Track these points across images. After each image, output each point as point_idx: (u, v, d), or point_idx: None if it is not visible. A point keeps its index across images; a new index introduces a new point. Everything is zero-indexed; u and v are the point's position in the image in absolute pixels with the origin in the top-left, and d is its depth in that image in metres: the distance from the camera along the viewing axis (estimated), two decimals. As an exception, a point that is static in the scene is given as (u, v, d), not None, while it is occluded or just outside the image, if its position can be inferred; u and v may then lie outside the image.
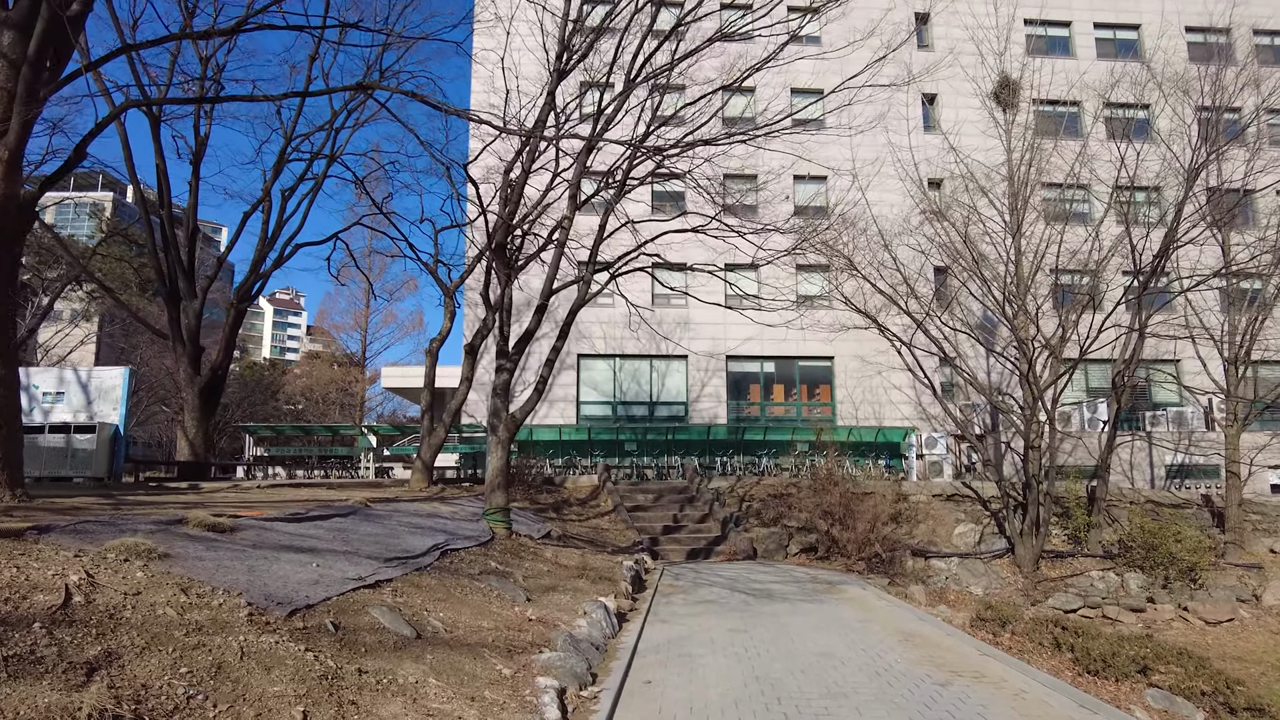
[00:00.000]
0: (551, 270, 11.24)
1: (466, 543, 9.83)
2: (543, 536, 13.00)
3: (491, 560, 9.50)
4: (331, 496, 12.73)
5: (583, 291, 11.69)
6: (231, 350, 18.34)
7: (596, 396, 28.15)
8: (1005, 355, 19.86)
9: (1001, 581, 20.09)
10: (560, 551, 11.63)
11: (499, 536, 10.81)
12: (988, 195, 21.22)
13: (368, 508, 10.58)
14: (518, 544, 10.79)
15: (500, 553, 10.06)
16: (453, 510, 12.16)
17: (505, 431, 11.20)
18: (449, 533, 10.02)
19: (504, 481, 11.13)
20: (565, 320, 11.89)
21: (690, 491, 20.60)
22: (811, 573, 15.68)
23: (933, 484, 22.73)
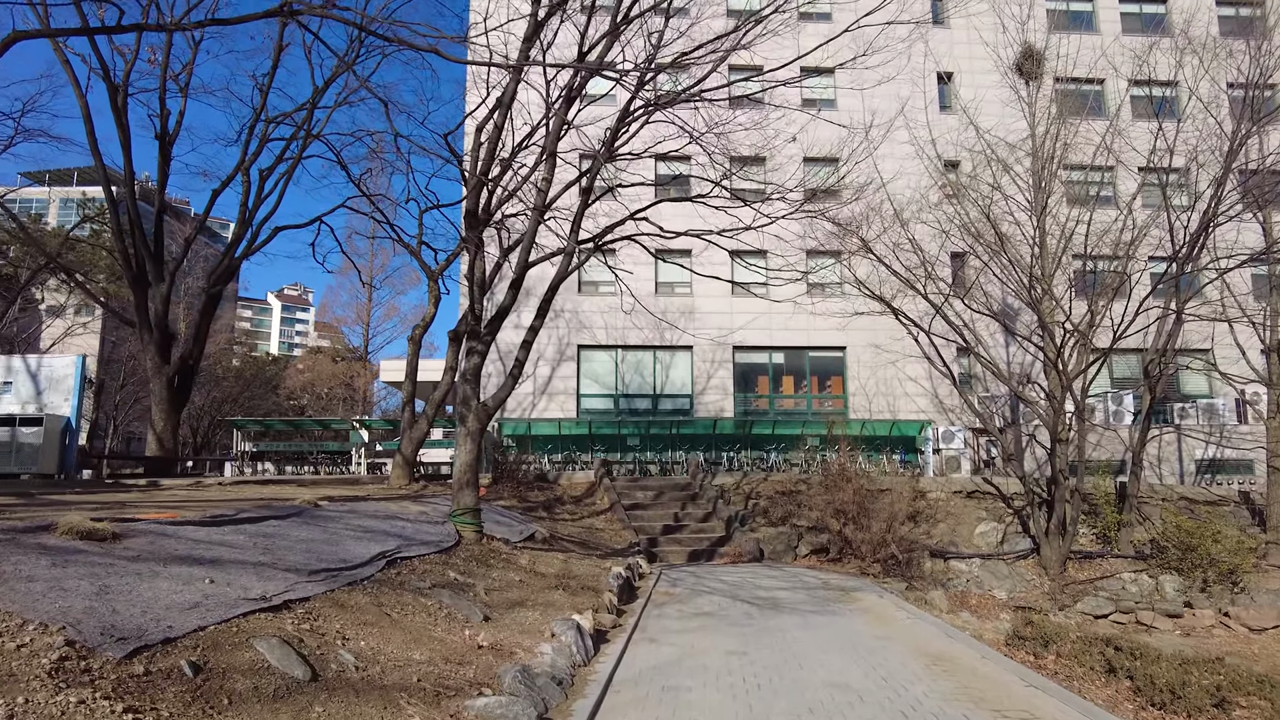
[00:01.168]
0: (528, 238, 9.85)
1: (424, 549, 8.48)
2: (524, 539, 11.65)
3: (451, 570, 8.14)
4: (289, 494, 11.42)
5: (565, 264, 10.30)
6: (205, 338, 17.07)
7: (597, 389, 26.77)
8: (1031, 341, 18.31)
9: (1026, 584, 18.59)
10: (540, 557, 10.27)
11: (466, 541, 9.47)
12: (1010, 173, 19.67)
13: (316, 508, 9.26)
14: (488, 549, 9.45)
15: (464, 560, 8.71)
16: (422, 510, 10.82)
17: (475, 422, 9.86)
18: (404, 537, 8.67)
19: (473, 478, 9.79)
20: (545, 295, 10.50)
21: (693, 488, 19.20)
22: (822, 577, 14.26)
23: (951, 480, 21.24)
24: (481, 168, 9.70)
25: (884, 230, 19.69)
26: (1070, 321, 16.85)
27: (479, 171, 9.73)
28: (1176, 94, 27.92)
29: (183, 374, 16.70)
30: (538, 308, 10.67)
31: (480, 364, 10.12)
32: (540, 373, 26.39)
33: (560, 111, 9.43)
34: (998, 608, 17.78)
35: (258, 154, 19.28)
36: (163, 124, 15.95)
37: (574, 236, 10.18)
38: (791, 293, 26.85)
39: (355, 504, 10.56)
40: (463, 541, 9.40)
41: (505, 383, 10.29)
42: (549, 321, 26.80)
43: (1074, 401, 18.02)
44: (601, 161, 10.16)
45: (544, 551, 11.02)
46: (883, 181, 19.33)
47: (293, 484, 15.40)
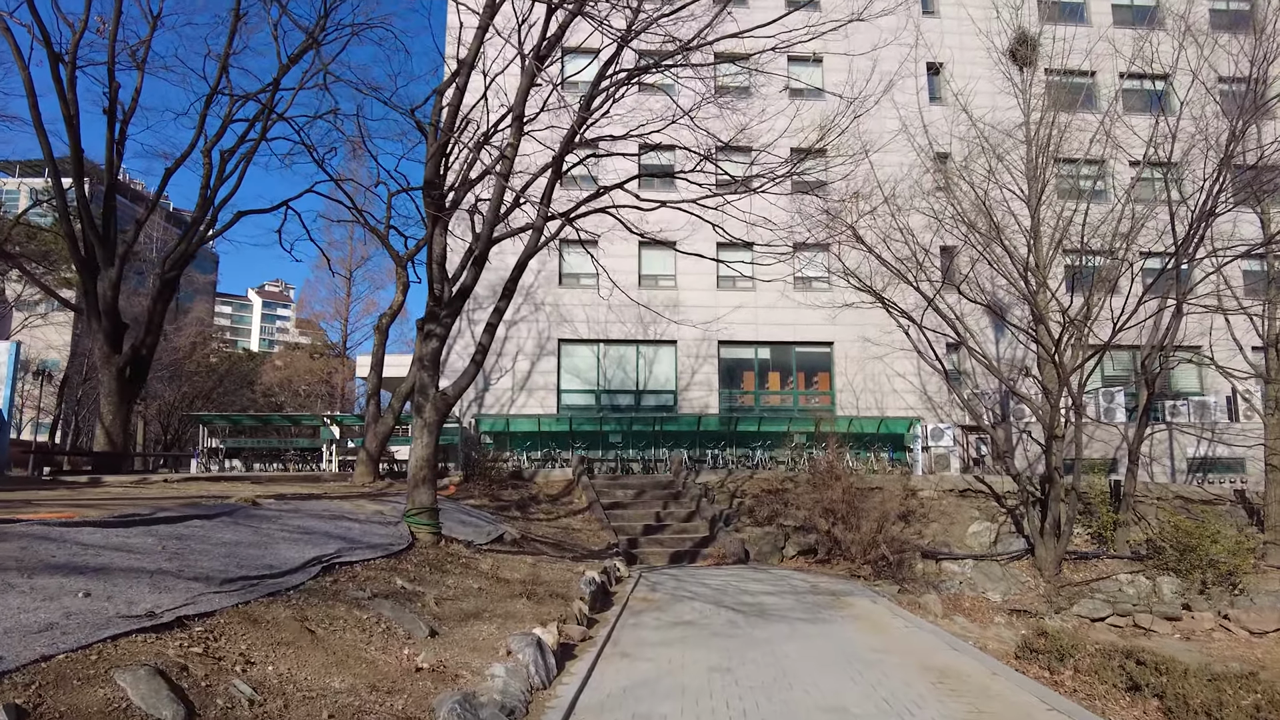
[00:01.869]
0: (492, 207, 8.89)
1: (370, 553, 7.53)
2: (491, 541, 10.70)
3: (398, 577, 7.19)
4: (235, 491, 10.42)
5: (534, 240, 9.33)
6: (159, 326, 15.99)
7: (579, 385, 25.82)
8: (1030, 332, 17.50)
9: (1021, 586, 17.81)
10: (506, 561, 9.33)
11: (422, 544, 8.53)
12: (1003, 162, 18.86)
13: (255, 506, 8.29)
14: (445, 553, 8.50)
15: (415, 566, 7.76)
16: (378, 510, 9.86)
17: (433, 412, 8.90)
18: (349, 540, 7.72)
19: (430, 475, 8.82)
20: (511, 274, 9.53)
21: (676, 487, 18.30)
22: (811, 580, 13.40)
23: (943, 478, 20.45)
24: (443, 132, 8.74)
25: (873, 210, 18.85)
26: (1068, 313, 16.04)
27: (439, 137, 8.77)
28: (1169, 87, 27.37)
29: (135, 364, 15.62)
30: (503, 288, 9.71)
31: (440, 348, 9.16)
32: (520, 368, 25.42)
33: (530, 67, 8.48)
34: (992, 611, 16.97)
35: (220, 135, 18.20)
36: (111, 97, 14.83)
37: (544, 209, 9.24)
38: (779, 285, 26.04)
39: (303, 502, 9.60)
40: (417, 544, 8.45)
41: (468, 369, 9.34)
42: (529, 315, 25.84)
43: (1071, 397, 17.26)
44: (578, 128, 9.22)
45: (511, 554, 10.08)
46: (871, 164, 18.48)
47: (248, 481, 14.38)
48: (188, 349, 34.48)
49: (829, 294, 26.16)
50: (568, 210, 9.75)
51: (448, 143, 8.86)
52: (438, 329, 9.07)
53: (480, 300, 25.79)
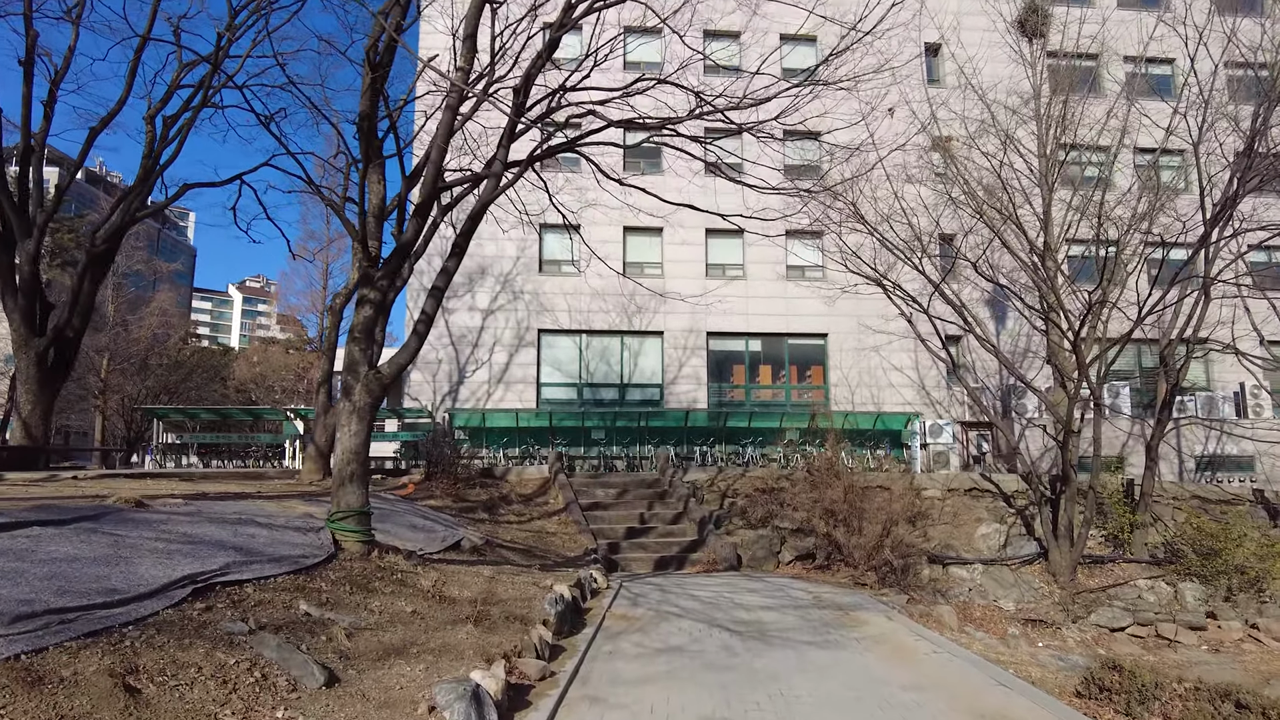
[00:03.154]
0: (437, 143, 7.21)
1: (273, 568, 5.87)
2: (444, 550, 9.06)
3: (304, 600, 5.53)
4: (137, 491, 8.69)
5: (491, 188, 7.66)
6: (88, 307, 14.20)
7: (560, 378, 24.14)
8: (1049, 319, 15.98)
9: (1034, 593, 16.31)
10: (455, 575, 7.66)
11: (347, 555, 6.87)
12: (1012, 140, 17.32)
13: (138, 508, 6.62)
14: (376, 567, 6.84)
15: (332, 584, 6.11)
16: (307, 513, 8.19)
17: (364, 395, 7.23)
18: (247, 551, 6.07)
19: (360, 471, 7.15)
20: (464, 226, 7.82)
21: (662, 485, 16.68)
22: (813, 590, 11.79)
23: (949, 477, 18.93)
24: (381, 55, 7.11)
25: (876, 207, 17.30)
26: (1093, 295, 14.49)
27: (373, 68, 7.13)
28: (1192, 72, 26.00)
29: (59, 349, 13.84)
30: (454, 243, 8.03)
31: (374, 318, 7.51)
32: (497, 359, 23.72)
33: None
34: (1005, 621, 15.45)
35: (165, 100, 16.40)
36: (29, 47, 13.01)
37: (504, 151, 7.60)
38: (770, 273, 24.46)
39: (217, 503, 7.93)
40: (340, 556, 6.79)
41: (408, 341, 7.67)
42: (507, 304, 24.14)
43: (1090, 388, 15.77)
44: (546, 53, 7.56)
45: (466, 565, 8.41)
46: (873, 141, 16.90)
47: (176, 478, 12.65)
48: (149, 341, 32.56)
49: (823, 284, 24.65)
50: (533, 151, 8.09)
51: (386, 71, 7.22)
52: (372, 294, 7.41)
53: (455, 288, 24.08)
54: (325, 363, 15.33)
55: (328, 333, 15.31)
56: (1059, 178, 17.52)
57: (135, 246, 33.02)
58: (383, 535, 8.74)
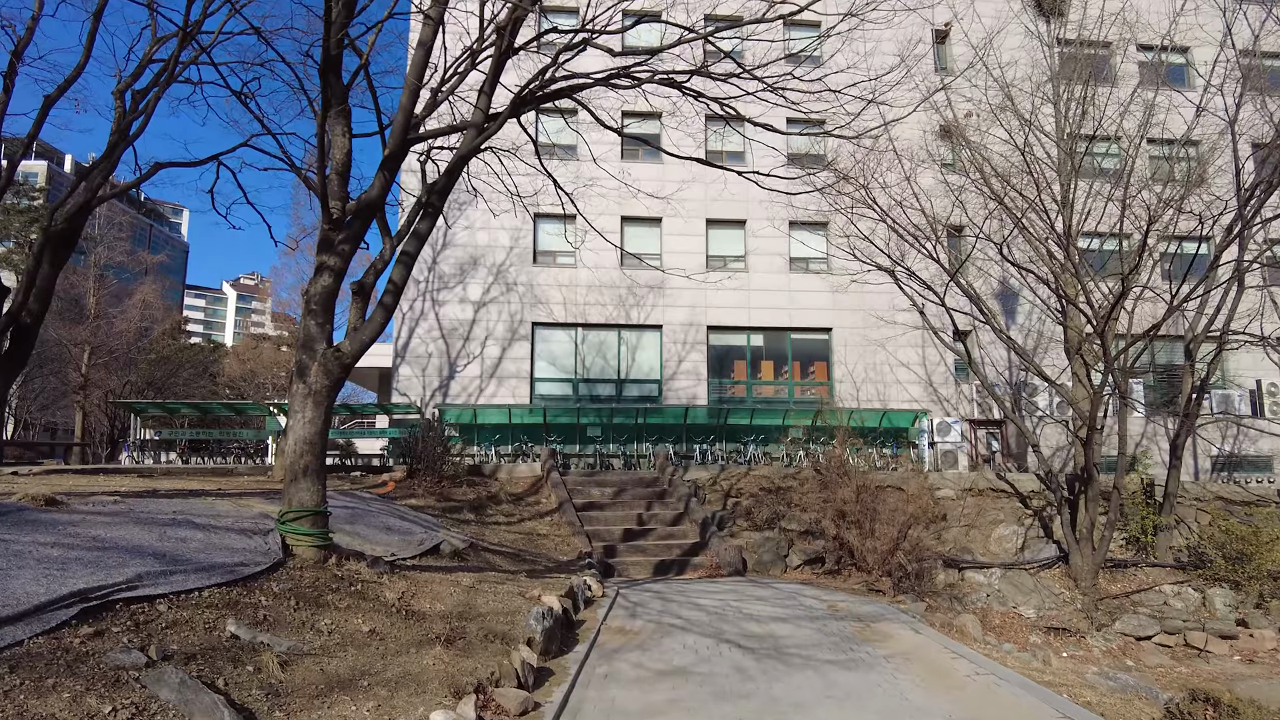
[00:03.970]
0: (408, 87, 6.17)
1: (200, 579, 4.85)
2: (423, 554, 8.04)
3: (233, 620, 4.51)
4: (79, 487, 7.65)
5: (470, 139, 6.59)
6: (46, 291, 13.16)
7: (554, 373, 23.12)
8: (1069, 309, 14.98)
9: (1055, 598, 15.32)
10: (429, 584, 6.64)
11: (299, 561, 5.84)
12: (1030, 122, 16.29)
13: (49, 507, 5.59)
14: (332, 576, 5.80)
15: (275, 598, 5.08)
16: (263, 513, 7.16)
17: (321, 376, 6.19)
18: (171, 559, 5.05)
19: (315, 464, 6.10)
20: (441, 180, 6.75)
21: (661, 484, 15.65)
22: (826, 597, 10.78)
23: (963, 476, 17.94)
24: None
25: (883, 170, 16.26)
26: (1127, 281, 13.48)
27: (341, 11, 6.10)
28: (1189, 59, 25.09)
29: (16, 335, 12.84)
30: (427, 201, 6.94)
31: (333, 288, 6.48)
32: (489, 353, 22.69)
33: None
34: (1026, 629, 14.45)
35: (136, 75, 15.31)
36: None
37: (486, 99, 6.59)
38: (773, 265, 23.42)
39: (161, 500, 6.91)
40: (290, 563, 5.77)
41: (373, 315, 6.62)
42: (500, 296, 23.07)
43: (1116, 383, 14.78)
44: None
45: (443, 573, 7.38)
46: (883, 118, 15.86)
47: (135, 474, 11.61)
48: (132, 334, 31.42)
49: (828, 275, 23.67)
50: (519, 93, 7.03)
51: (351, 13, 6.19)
52: (332, 261, 6.39)
53: (446, 279, 23.09)
54: (300, 353, 14.23)
55: (302, 321, 14.20)
56: (1078, 163, 16.53)
57: (118, 238, 31.95)
58: (349, 538, 7.71)
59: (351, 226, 6.52)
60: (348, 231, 6.51)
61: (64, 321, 28.74)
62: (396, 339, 22.88)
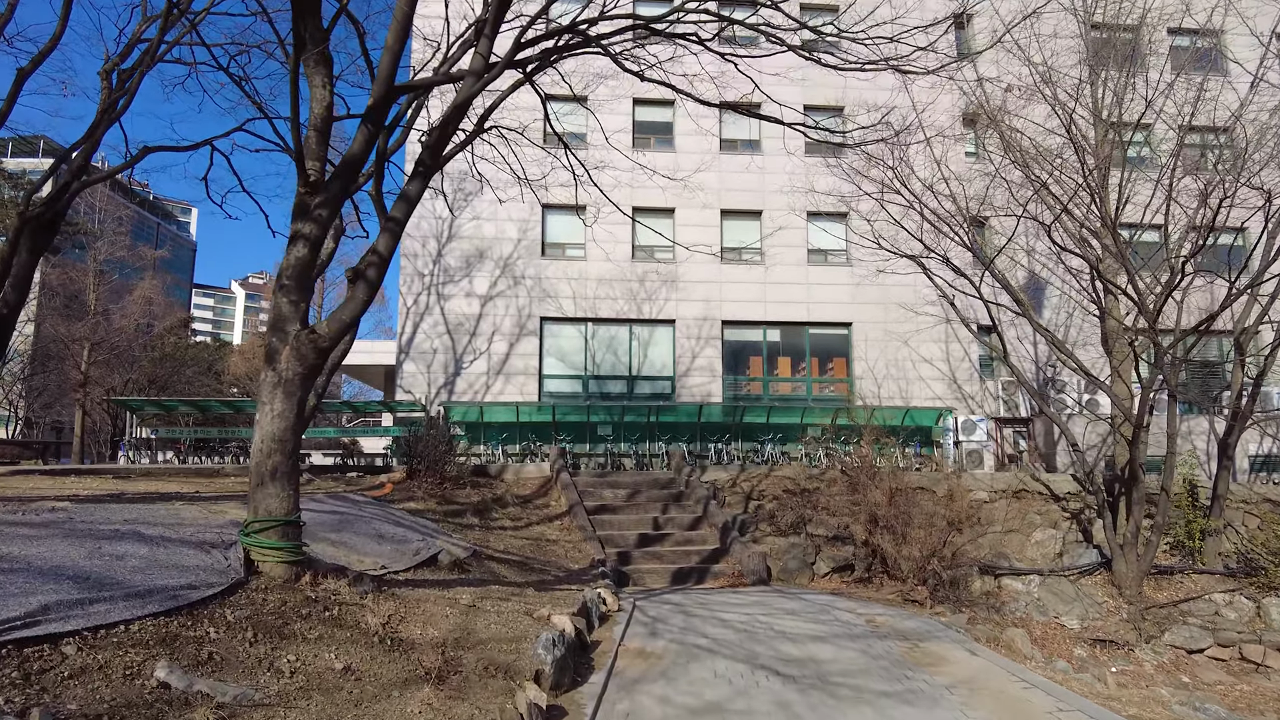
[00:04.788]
0: (394, 26, 5.27)
1: (131, 607, 3.90)
2: (418, 565, 7.09)
3: (165, 661, 3.55)
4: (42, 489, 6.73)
5: (469, 87, 5.63)
6: (24, 279, 12.29)
7: (564, 369, 22.16)
8: (1125, 294, 13.90)
9: (1098, 608, 14.27)
10: (419, 605, 5.68)
11: (266, 580, 4.86)
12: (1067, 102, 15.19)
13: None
14: (303, 598, 4.81)
15: (227, 629, 4.12)
16: (240, 520, 6.22)
17: (294, 362, 5.20)
18: (99, 582, 4.11)
19: (286, 466, 5.12)
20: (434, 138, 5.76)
21: (677, 486, 14.68)
22: (862, 610, 9.78)
23: (995, 477, 16.89)
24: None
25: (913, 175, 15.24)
26: (1181, 268, 12.42)
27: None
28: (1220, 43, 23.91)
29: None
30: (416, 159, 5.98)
31: (309, 260, 5.51)
32: (496, 349, 21.75)
33: None
34: (1069, 641, 13.45)
35: (124, 54, 14.51)
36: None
37: (487, 41, 5.63)
38: (791, 258, 22.36)
39: (120, 505, 5.99)
40: (253, 583, 4.81)
41: (354, 291, 5.60)
42: (507, 290, 22.12)
43: (1165, 377, 13.73)
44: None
45: (439, 589, 6.43)
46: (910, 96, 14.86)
47: (109, 475, 10.70)
48: (133, 331, 30.62)
49: (848, 268, 22.65)
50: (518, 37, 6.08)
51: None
52: (307, 229, 5.43)
53: (452, 273, 22.16)
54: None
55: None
56: (1126, 140, 15.45)
57: (118, 233, 31.16)
58: (334, 549, 6.76)
59: (330, 188, 5.57)
60: (326, 195, 5.56)
61: (63, 318, 27.98)
62: (401, 334, 21.99)
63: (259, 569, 5.06)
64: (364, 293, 5.62)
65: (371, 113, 5.62)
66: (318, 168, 5.63)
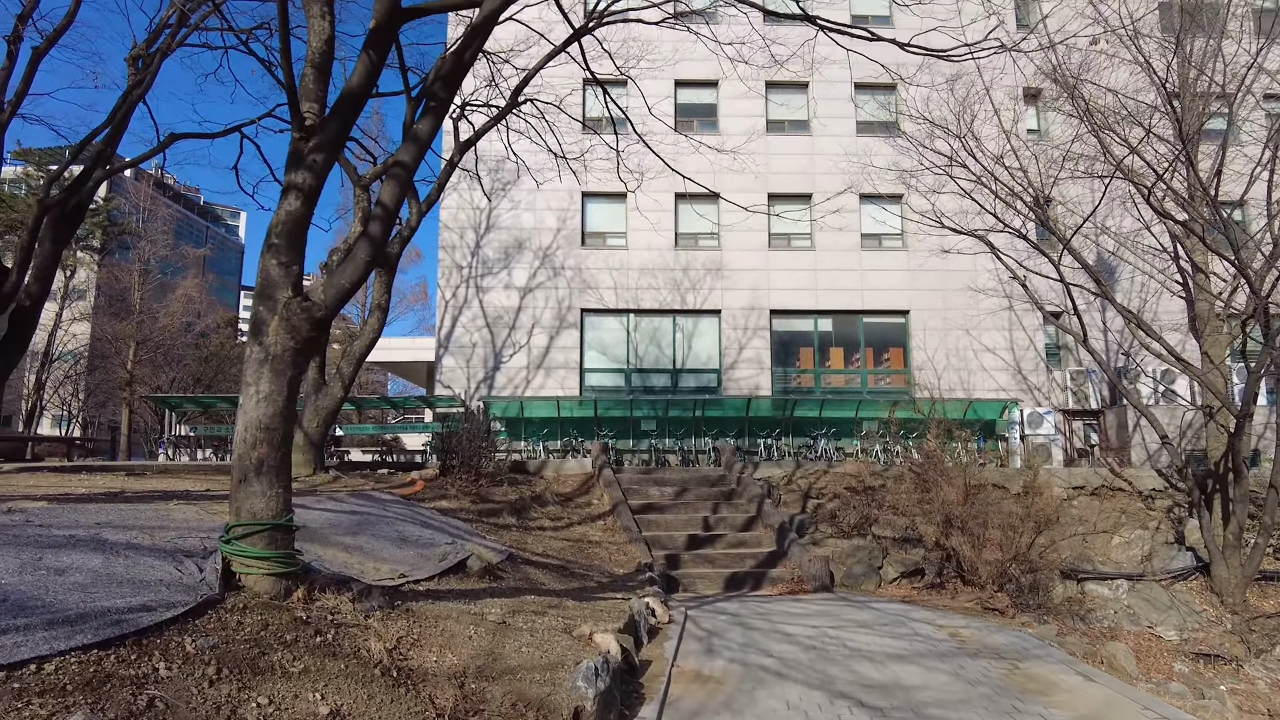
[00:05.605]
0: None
1: (61, 637, 3.05)
2: (442, 573, 6.22)
3: (80, 713, 2.69)
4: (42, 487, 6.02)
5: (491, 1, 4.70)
6: (46, 270, 11.77)
7: (605, 363, 21.26)
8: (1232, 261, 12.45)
9: (1198, 617, 12.85)
10: (438, 622, 4.77)
11: (248, 596, 3.93)
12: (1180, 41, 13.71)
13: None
14: (291, 618, 3.88)
15: (185, 661, 3.22)
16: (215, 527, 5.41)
17: (283, 334, 4.28)
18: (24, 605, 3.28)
19: (274, 457, 4.21)
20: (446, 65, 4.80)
21: (728, 483, 13.64)
22: (942, 621, 8.64)
23: (1073, 473, 15.53)
24: None
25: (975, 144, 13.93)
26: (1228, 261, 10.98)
27: None
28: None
29: (15, 318, 11.51)
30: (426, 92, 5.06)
31: (303, 215, 4.59)
32: (536, 342, 20.95)
33: None
34: (1168, 654, 12.08)
35: (150, 41, 14.02)
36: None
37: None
38: (843, 242, 21.07)
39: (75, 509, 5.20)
40: (230, 600, 3.89)
41: (355, 248, 4.60)
42: (546, 281, 21.25)
43: (1274, 361, 12.27)
44: None
45: (465, 601, 5.52)
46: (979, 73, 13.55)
47: (122, 472, 10.08)
48: (176, 329, 30.62)
49: (904, 253, 21.34)
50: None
51: None
52: (300, 178, 4.55)
53: (490, 264, 21.40)
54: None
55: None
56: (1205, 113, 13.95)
57: (162, 232, 31.18)
58: (345, 555, 5.90)
59: (327, 129, 4.71)
60: (322, 137, 4.70)
61: (109, 317, 28.03)
62: (439, 328, 21.31)
63: (240, 582, 4.20)
64: (366, 251, 4.73)
65: (374, 37, 4.74)
66: (315, 110, 4.77)
